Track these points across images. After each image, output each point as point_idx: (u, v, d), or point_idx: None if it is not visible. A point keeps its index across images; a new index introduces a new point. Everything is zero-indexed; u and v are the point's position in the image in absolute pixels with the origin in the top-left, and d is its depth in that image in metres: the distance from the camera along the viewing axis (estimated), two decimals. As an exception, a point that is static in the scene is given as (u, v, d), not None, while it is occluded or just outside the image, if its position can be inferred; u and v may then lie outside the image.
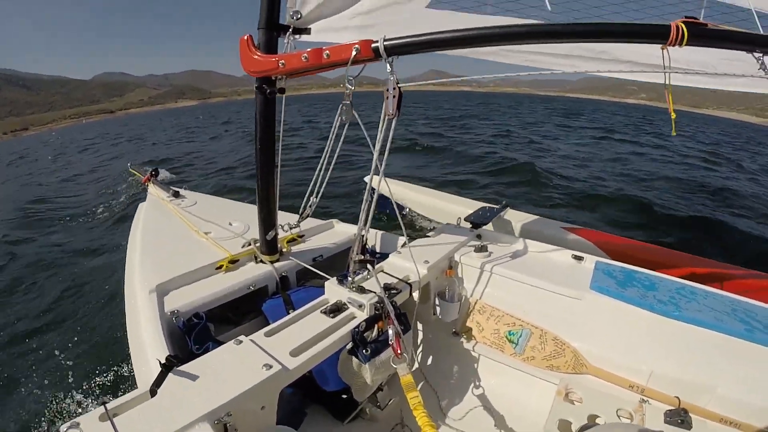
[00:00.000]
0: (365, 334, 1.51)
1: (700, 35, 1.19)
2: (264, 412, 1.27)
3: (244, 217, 2.57)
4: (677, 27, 1.16)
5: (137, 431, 1.01)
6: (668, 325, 1.62)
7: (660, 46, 1.22)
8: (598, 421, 1.56)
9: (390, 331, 1.50)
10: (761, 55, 1.26)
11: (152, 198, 3.16)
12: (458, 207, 4.04)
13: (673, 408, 1.51)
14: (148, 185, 3.28)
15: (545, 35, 1.34)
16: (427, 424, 1.15)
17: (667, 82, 1.39)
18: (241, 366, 1.27)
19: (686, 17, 1.21)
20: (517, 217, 3.53)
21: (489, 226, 2.56)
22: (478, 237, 2.30)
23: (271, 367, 1.25)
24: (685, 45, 1.18)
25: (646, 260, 3.08)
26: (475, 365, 2.07)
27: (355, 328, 1.48)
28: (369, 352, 1.48)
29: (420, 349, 2.21)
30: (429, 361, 2.18)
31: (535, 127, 21.56)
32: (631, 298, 1.73)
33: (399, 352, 1.47)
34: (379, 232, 2.55)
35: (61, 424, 1.01)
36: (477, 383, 2.04)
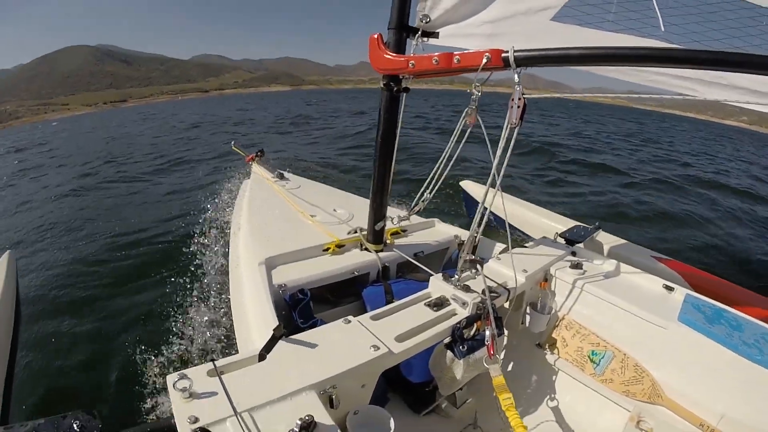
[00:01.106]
0: (464, 331, 1.57)
1: None
2: (363, 390, 1.35)
3: (348, 205, 2.67)
4: None
5: (245, 390, 1.06)
6: (750, 369, 1.56)
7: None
8: None
9: (487, 332, 1.55)
10: None
11: (257, 177, 3.33)
12: (551, 222, 3.98)
13: None
14: (252, 164, 3.46)
15: (665, 60, 1.32)
16: (520, 425, 1.19)
17: None
18: (351, 344, 1.34)
19: None
20: (607, 240, 3.44)
21: (582, 245, 2.53)
22: (574, 254, 2.29)
23: (378, 348, 1.32)
24: None
25: (733, 300, 2.91)
26: (554, 379, 2.07)
27: (456, 324, 1.54)
28: (465, 348, 1.54)
29: (503, 355, 2.23)
30: (509, 368, 2.20)
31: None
32: (717, 335, 1.68)
33: (492, 353, 1.51)
34: (478, 236, 2.58)
35: (170, 374, 1.06)
36: (552, 397, 2.04)
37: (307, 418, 0.98)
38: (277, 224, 2.47)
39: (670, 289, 2.02)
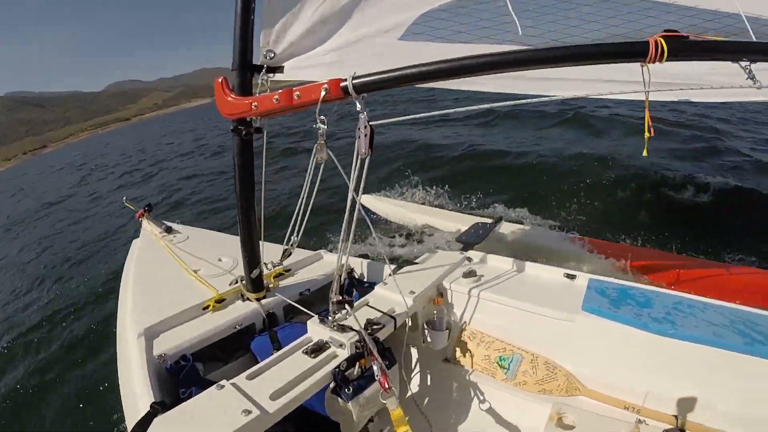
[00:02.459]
0: (347, 373, 1.51)
1: (682, 49, 1.17)
2: None
3: (234, 252, 2.56)
4: (656, 42, 1.13)
5: None
6: (664, 344, 1.60)
7: (639, 64, 1.20)
8: None
9: (375, 368, 1.49)
10: (748, 63, 1.22)
11: (145, 234, 3.20)
12: (451, 223, 4.03)
13: (670, 427, 1.49)
14: (141, 220, 3.32)
15: (515, 63, 1.31)
16: None
17: (646, 101, 1.35)
18: (221, 412, 1.28)
19: (666, 31, 1.19)
20: (512, 230, 3.50)
21: (483, 246, 2.55)
22: (469, 260, 2.28)
23: (250, 412, 1.27)
24: (666, 60, 1.15)
25: (647, 263, 3.06)
26: (467, 392, 2.05)
27: (336, 368, 1.48)
28: (351, 390, 1.48)
29: (413, 375, 2.20)
30: (421, 389, 2.17)
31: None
32: (624, 318, 1.70)
33: (387, 386, 1.46)
34: (365, 261, 2.55)
35: None
36: (469, 410, 2.02)
37: None
38: (160, 286, 2.36)
39: (571, 277, 2.03)
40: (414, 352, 2.21)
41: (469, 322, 2.04)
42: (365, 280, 2.40)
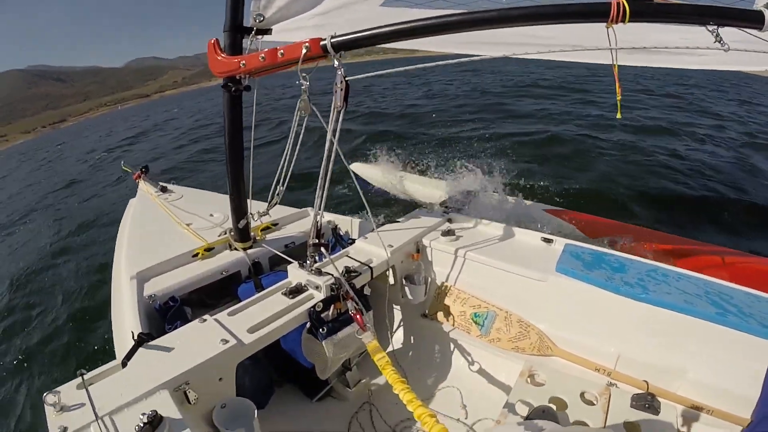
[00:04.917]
0: (323, 315, 1.62)
1: (643, 11, 1.19)
2: (222, 383, 1.40)
3: (226, 209, 2.68)
4: (618, 3, 1.16)
5: (107, 397, 1.16)
6: (635, 308, 1.63)
7: (604, 24, 1.22)
8: (562, 401, 1.58)
9: (349, 305, 1.60)
10: (715, 27, 1.22)
11: (141, 193, 3.35)
12: (436, 190, 4.15)
13: (640, 392, 1.53)
14: (138, 182, 3.46)
15: (481, 22, 1.40)
16: (397, 381, 1.24)
17: (614, 62, 1.40)
18: (201, 341, 1.40)
19: None
20: (497, 200, 3.58)
21: (466, 211, 2.63)
22: (449, 222, 2.36)
23: (227, 342, 1.39)
24: (629, 21, 1.18)
25: (625, 239, 3.11)
26: (443, 347, 2.15)
27: (311, 308, 1.59)
28: (325, 330, 1.59)
29: (394, 330, 2.30)
30: (399, 344, 2.27)
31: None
32: (595, 279, 1.75)
33: (362, 324, 1.57)
34: (356, 219, 2.66)
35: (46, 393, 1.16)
36: (443, 363, 2.11)
37: (150, 413, 1.08)
38: (154, 237, 2.50)
39: (549, 241, 2.10)
40: (395, 310, 2.31)
41: (446, 279, 2.13)
42: (349, 237, 2.51)
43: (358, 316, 1.58)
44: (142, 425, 1.05)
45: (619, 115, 1.50)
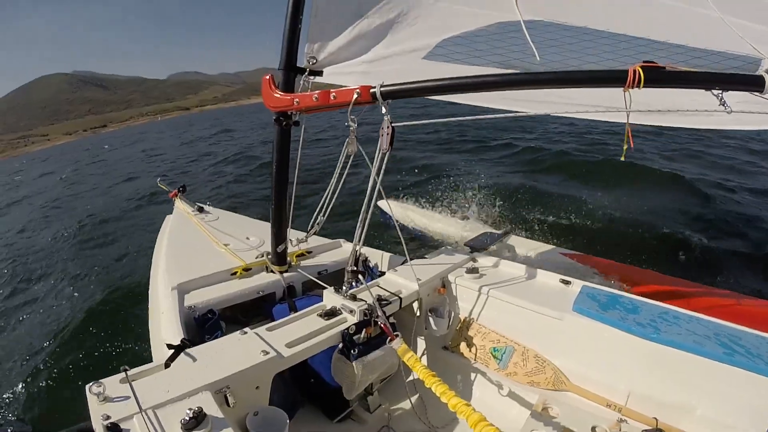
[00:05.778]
0: (355, 337, 1.73)
1: (657, 78, 1.34)
2: (258, 392, 1.50)
3: (260, 233, 2.85)
4: (634, 71, 1.31)
5: (150, 393, 1.25)
6: (646, 347, 1.69)
7: (621, 89, 1.36)
8: None
9: (379, 322, 1.73)
10: (720, 92, 1.36)
11: (178, 211, 3.51)
12: (462, 232, 4.29)
13: (650, 428, 1.58)
14: (175, 200, 3.63)
15: (515, 83, 1.58)
16: (428, 375, 1.40)
17: (627, 122, 1.53)
18: (243, 350, 1.52)
19: (645, 62, 1.36)
20: (518, 243, 3.70)
21: (489, 251, 2.74)
22: (474, 260, 2.48)
23: (268, 353, 1.50)
24: (644, 87, 1.32)
25: (639, 283, 3.18)
26: (463, 378, 2.22)
27: (345, 330, 1.70)
28: (357, 351, 1.70)
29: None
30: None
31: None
32: (610, 319, 1.82)
33: (391, 333, 1.70)
34: (386, 254, 2.78)
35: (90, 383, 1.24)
36: (463, 395, 2.17)
37: (197, 409, 1.15)
38: (192, 253, 2.64)
39: (567, 282, 2.19)
40: (418, 341, 2.40)
41: (468, 314, 2.23)
42: (378, 269, 2.63)
43: (386, 328, 1.70)
44: (188, 419, 1.12)
45: (623, 158, 1.65)
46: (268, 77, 1.98)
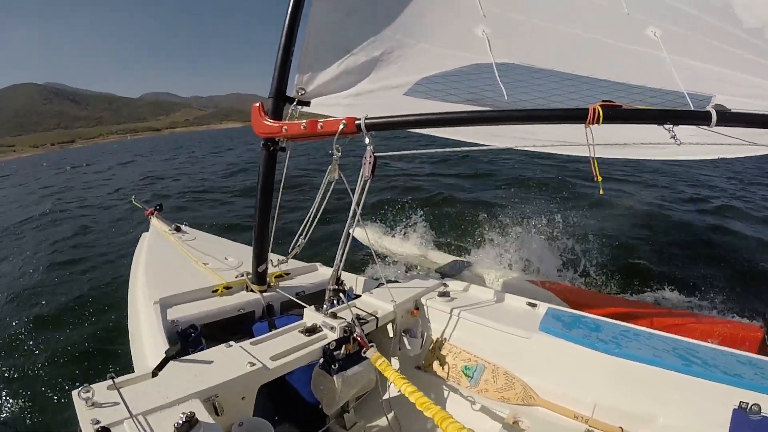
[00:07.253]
0: (335, 353, 1.80)
1: (614, 115, 1.50)
2: (244, 402, 1.55)
3: (238, 254, 2.91)
4: (594, 109, 1.47)
5: (140, 399, 1.27)
6: (609, 361, 1.80)
7: (583, 125, 1.51)
8: None
9: (355, 332, 1.82)
10: (671, 126, 1.51)
11: (155, 229, 3.52)
12: (434, 259, 4.47)
13: None
14: (151, 218, 3.63)
15: (485, 119, 1.77)
16: (398, 378, 1.47)
17: (592, 155, 1.64)
18: (229, 361, 1.57)
19: (604, 101, 1.52)
20: (486, 271, 3.89)
21: (459, 277, 2.87)
22: (445, 285, 2.59)
23: (254, 364, 1.56)
24: (603, 123, 1.47)
25: (606, 309, 3.38)
26: (436, 396, 2.29)
27: (326, 345, 1.78)
28: (337, 366, 1.78)
29: (389, 382, 2.45)
30: (396, 392, 2.41)
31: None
32: (574, 337, 1.94)
33: (367, 346, 1.79)
34: (360, 277, 2.89)
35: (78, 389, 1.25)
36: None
37: (190, 413, 1.18)
38: (172, 270, 2.67)
39: (533, 305, 2.32)
40: (393, 361, 2.48)
41: (440, 334, 2.33)
42: (356, 292, 2.73)
43: (361, 340, 1.80)
44: (181, 423, 1.14)
45: (601, 192, 1.81)
46: (257, 105, 2.10)
